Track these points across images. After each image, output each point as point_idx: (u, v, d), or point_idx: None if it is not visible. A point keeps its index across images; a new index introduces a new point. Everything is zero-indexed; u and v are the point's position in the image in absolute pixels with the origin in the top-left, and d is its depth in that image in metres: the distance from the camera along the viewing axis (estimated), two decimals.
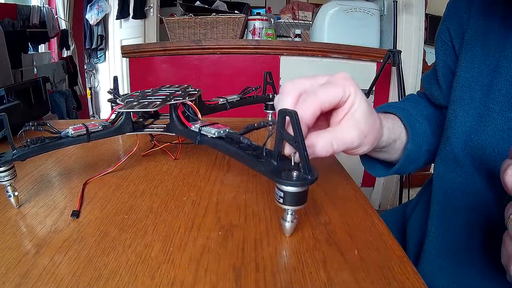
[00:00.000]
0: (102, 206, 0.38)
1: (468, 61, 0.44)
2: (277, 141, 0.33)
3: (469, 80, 0.44)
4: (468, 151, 0.43)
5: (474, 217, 0.42)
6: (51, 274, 0.27)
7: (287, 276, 0.27)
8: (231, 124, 0.44)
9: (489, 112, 0.40)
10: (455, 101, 0.45)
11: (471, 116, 0.43)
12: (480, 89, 0.42)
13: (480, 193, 0.41)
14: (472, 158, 0.42)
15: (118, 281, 0.26)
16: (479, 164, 0.41)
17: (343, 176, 0.47)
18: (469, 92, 0.43)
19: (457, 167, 0.44)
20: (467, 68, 0.44)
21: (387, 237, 0.33)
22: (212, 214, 0.36)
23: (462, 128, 0.43)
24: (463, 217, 0.43)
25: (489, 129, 0.40)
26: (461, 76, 0.45)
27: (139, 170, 0.48)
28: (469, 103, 0.43)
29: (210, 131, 0.41)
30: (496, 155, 0.39)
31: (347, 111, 0.32)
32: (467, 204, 0.43)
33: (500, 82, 0.40)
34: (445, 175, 0.46)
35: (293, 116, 0.30)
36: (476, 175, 0.41)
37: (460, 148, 0.44)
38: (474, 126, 0.42)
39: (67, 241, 0.31)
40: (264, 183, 0.44)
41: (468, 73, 0.44)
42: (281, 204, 0.31)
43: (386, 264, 0.29)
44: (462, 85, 0.44)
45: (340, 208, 0.38)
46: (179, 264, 0.28)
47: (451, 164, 0.45)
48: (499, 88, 0.40)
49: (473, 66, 0.44)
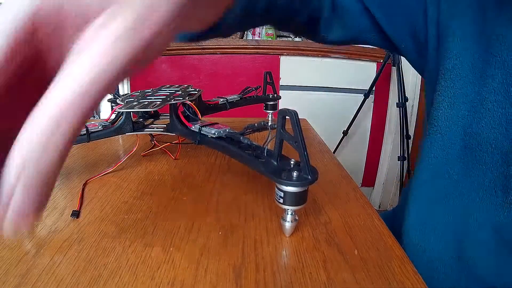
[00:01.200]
0: (102, 206, 0.38)
1: (457, 34, 0.37)
2: (277, 141, 0.33)
3: (459, 59, 0.37)
4: (462, 148, 0.37)
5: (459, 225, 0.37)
6: (51, 274, 0.27)
7: (287, 276, 0.27)
8: (231, 124, 0.44)
9: (484, 102, 0.35)
10: (446, 86, 0.38)
11: (463, 104, 0.37)
12: (471, 74, 0.36)
13: (471, 197, 0.36)
14: (465, 155, 0.37)
15: (118, 281, 0.26)
16: (473, 162, 0.36)
17: (343, 176, 0.47)
18: (460, 75, 0.37)
19: (448, 168, 0.38)
20: (456, 44, 0.37)
21: (387, 237, 0.33)
22: (212, 214, 0.36)
23: (455, 120, 0.38)
24: (448, 225, 0.38)
25: (484, 122, 0.35)
26: (451, 52, 0.37)
27: (139, 170, 0.48)
28: (461, 89, 0.37)
29: (210, 131, 0.41)
30: (492, 151, 0.35)
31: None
32: (454, 210, 0.37)
33: (493, 66, 0.34)
34: (431, 181, 0.40)
35: (293, 116, 0.30)
36: (469, 176, 0.36)
37: (453, 144, 0.38)
38: (467, 116, 0.37)
39: (67, 241, 0.31)
40: (264, 183, 0.44)
41: (457, 50, 0.37)
42: (281, 204, 0.31)
43: (386, 264, 0.29)
44: (454, 65, 0.37)
45: (340, 208, 0.38)
46: (179, 264, 0.28)
47: (441, 166, 0.39)
48: (493, 74, 0.34)
49: (465, 41, 0.37)
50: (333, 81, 1.77)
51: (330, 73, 1.76)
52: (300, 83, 1.77)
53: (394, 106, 1.63)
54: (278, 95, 0.65)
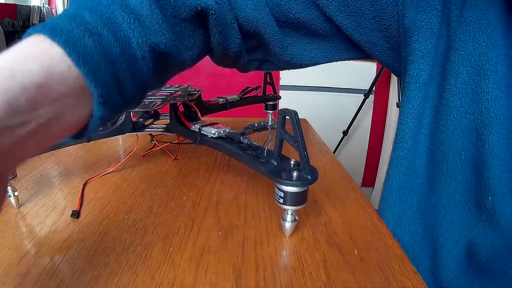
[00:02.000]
0: (102, 206, 0.38)
1: (426, 24, 0.32)
2: (277, 141, 0.33)
3: (426, 54, 0.33)
4: (428, 162, 0.34)
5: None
6: (51, 274, 0.27)
7: (287, 276, 0.27)
8: (231, 124, 0.45)
9: (447, 107, 0.31)
10: (411, 97, 0.34)
11: (427, 113, 0.33)
12: (436, 71, 0.32)
13: (440, 214, 0.33)
14: (431, 168, 0.34)
15: (118, 281, 0.26)
16: (440, 177, 0.33)
17: (343, 176, 0.47)
18: (424, 81, 0.33)
19: (414, 184, 0.35)
20: (424, 35, 0.33)
21: (387, 237, 0.33)
22: (212, 214, 0.36)
23: (420, 133, 0.34)
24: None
25: (450, 130, 0.31)
26: (416, 55, 0.33)
27: (139, 170, 0.48)
28: (425, 97, 0.33)
29: (210, 131, 0.41)
30: (462, 164, 0.31)
31: None
32: (424, 227, 0.35)
33: (456, 62, 0.30)
34: (394, 199, 0.37)
35: (293, 116, 0.30)
36: (436, 192, 0.33)
37: (419, 158, 0.35)
38: (432, 124, 0.33)
39: (67, 241, 0.31)
40: (264, 183, 0.44)
41: (424, 43, 0.33)
42: (281, 204, 0.31)
43: (386, 264, 0.29)
44: (419, 60, 0.33)
45: (340, 208, 0.38)
46: (179, 264, 0.28)
47: (408, 182, 0.36)
48: (456, 71, 0.30)
49: (432, 33, 0.32)
50: (333, 81, 1.77)
51: (330, 73, 1.76)
52: (300, 83, 1.77)
53: (394, 106, 1.63)
54: (278, 95, 0.65)
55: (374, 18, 0.35)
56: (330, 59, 0.40)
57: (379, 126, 1.89)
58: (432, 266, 0.34)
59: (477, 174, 0.30)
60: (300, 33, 0.37)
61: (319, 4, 0.34)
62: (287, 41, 0.37)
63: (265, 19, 0.33)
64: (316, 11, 0.35)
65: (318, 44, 0.39)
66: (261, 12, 0.33)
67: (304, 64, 0.39)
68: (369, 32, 0.36)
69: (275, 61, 0.39)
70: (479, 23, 0.28)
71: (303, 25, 0.36)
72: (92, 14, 0.23)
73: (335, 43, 0.39)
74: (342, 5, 0.34)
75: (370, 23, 0.36)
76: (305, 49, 0.38)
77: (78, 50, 0.20)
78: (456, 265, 0.32)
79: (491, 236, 0.30)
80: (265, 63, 0.40)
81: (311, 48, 0.39)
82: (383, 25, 0.36)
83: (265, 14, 0.33)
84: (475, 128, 0.29)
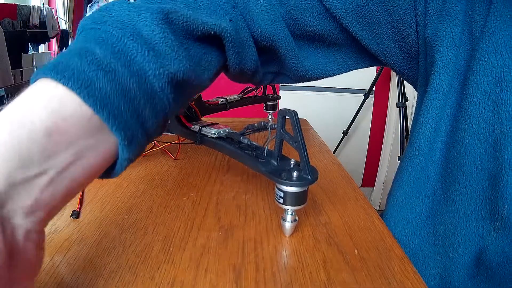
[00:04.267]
0: (102, 206, 0.38)
1: (447, 33, 0.32)
2: (277, 141, 0.33)
3: (446, 64, 0.33)
4: (441, 163, 0.34)
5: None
6: (51, 274, 0.27)
7: (287, 276, 0.27)
8: (231, 124, 0.45)
9: (466, 117, 0.31)
10: (430, 107, 0.34)
11: (445, 122, 0.33)
12: (456, 80, 0.32)
13: (454, 220, 0.33)
14: (446, 175, 0.33)
15: (118, 281, 0.26)
16: (455, 185, 0.32)
17: (343, 176, 0.47)
18: (445, 91, 0.33)
19: (426, 183, 0.35)
20: (445, 45, 0.32)
21: (387, 237, 0.33)
22: (212, 214, 0.36)
23: (437, 141, 0.34)
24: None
25: (467, 139, 0.31)
26: (437, 65, 0.33)
27: (139, 170, 0.48)
28: (444, 106, 0.33)
29: (210, 131, 0.41)
30: (478, 174, 0.30)
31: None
32: (436, 231, 0.35)
33: (478, 72, 0.30)
34: (405, 202, 0.37)
35: (293, 116, 0.30)
36: (451, 199, 0.33)
37: (431, 158, 0.34)
38: (450, 132, 0.33)
39: (67, 241, 0.31)
40: (264, 183, 0.44)
41: (445, 54, 0.33)
42: (281, 204, 0.31)
43: (386, 264, 0.29)
44: (440, 70, 0.33)
45: (340, 208, 0.38)
46: (179, 264, 0.28)
47: (422, 180, 0.36)
48: (477, 81, 0.30)
49: (453, 42, 0.32)
50: (333, 81, 1.77)
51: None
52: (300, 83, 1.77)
53: (394, 106, 1.63)
54: (278, 95, 0.65)
55: (391, 28, 0.35)
56: (344, 70, 0.40)
57: (379, 126, 1.89)
58: (442, 271, 0.34)
59: (493, 183, 0.30)
60: (315, 45, 0.37)
61: (336, 16, 0.34)
62: (302, 55, 0.36)
63: (281, 34, 0.33)
64: (332, 23, 0.35)
65: (333, 56, 0.38)
66: (278, 27, 0.32)
67: (319, 77, 0.39)
68: (385, 42, 0.36)
69: (289, 74, 0.38)
70: (502, 34, 0.29)
71: (319, 37, 0.36)
72: (103, 48, 0.21)
73: (351, 54, 0.38)
74: (359, 16, 0.34)
75: (386, 34, 0.35)
76: (320, 62, 0.38)
77: (93, 93, 0.19)
78: (465, 270, 0.32)
79: (502, 244, 0.30)
80: (279, 75, 0.39)
81: (327, 61, 0.38)
82: (400, 35, 0.36)
83: (282, 29, 0.32)
84: (494, 138, 0.29)
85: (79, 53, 0.20)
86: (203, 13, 0.28)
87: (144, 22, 0.23)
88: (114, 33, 0.22)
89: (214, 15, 0.28)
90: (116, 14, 0.23)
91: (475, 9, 0.31)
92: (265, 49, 0.34)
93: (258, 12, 0.31)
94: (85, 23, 0.24)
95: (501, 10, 0.29)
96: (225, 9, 0.30)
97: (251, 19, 0.31)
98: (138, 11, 0.23)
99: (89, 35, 0.22)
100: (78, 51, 0.20)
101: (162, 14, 0.24)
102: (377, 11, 0.34)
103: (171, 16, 0.24)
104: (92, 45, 0.21)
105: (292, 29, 0.34)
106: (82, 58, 0.20)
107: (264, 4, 0.31)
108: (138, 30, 0.23)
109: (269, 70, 0.37)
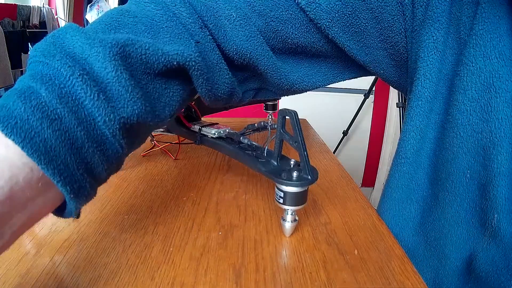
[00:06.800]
0: (102, 206, 0.38)
1: (428, 38, 0.31)
2: (277, 141, 0.33)
3: (428, 71, 0.31)
4: (430, 170, 0.33)
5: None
6: (51, 274, 0.27)
7: (287, 276, 0.27)
8: (231, 124, 0.45)
9: (454, 125, 0.30)
10: (414, 114, 0.33)
11: (434, 125, 0.32)
12: (444, 86, 0.31)
13: (445, 228, 0.32)
14: (435, 183, 0.33)
15: (118, 281, 0.26)
16: (444, 193, 0.32)
17: (343, 176, 0.47)
18: (430, 89, 0.32)
19: (416, 190, 0.34)
20: (427, 50, 0.31)
21: (387, 237, 0.33)
22: (212, 214, 0.36)
23: (424, 149, 0.33)
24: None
25: (455, 148, 0.30)
26: (420, 63, 0.32)
27: (139, 170, 0.48)
28: (430, 107, 0.32)
29: (210, 131, 0.41)
30: (468, 182, 0.30)
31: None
32: (427, 237, 0.34)
33: (465, 78, 0.28)
34: (396, 209, 0.36)
35: (293, 116, 0.30)
36: (440, 207, 0.32)
37: (419, 165, 0.34)
38: (437, 139, 0.32)
39: (67, 241, 0.31)
40: (264, 183, 0.44)
41: (426, 59, 0.31)
42: (281, 204, 0.31)
43: (386, 264, 0.29)
44: (421, 77, 0.32)
45: (340, 208, 0.38)
46: (179, 264, 0.28)
47: (412, 187, 0.35)
48: (464, 87, 0.28)
49: (435, 47, 0.31)
50: None
51: None
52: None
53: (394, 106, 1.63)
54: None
55: (380, 36, 0.34)
56: (331, 81, 0.38)
57: (379, 126, 1.89)
58: (434, 276, 0.34)
59: (483, 192, 0.29)
60: (299, 57, 0.35)
61: (321, 27, 0.32)
62: (285, 69, 0.34)
63: (259, 50, 0.30)
64: (316, 34, 0.33)
65: (318, 67, 0.37)
66: (254, 42, 0.30)
67: (305, 90, 0.37)
68: (374, 52, 0.35)
69: (273, 89, 0.37)
70: (490, 37, 0.27)
71: (302, 50, 0.34)
72: (49, 90, 0.19)
73: (336, 64, 0.37)
74: (345, 25, 0.32)
75: (375, 42, 0.34)
76: (305, 75, 0.36)
77: (37, 147, 0.18)
78: (457, 277, 0.32)
79: (492, 252, 0.29)
80: (261, 91, 0.37)
81: (312, 73, 0.37)
82: (389, 43, 0.34)
83: (259, 44, 0.30)
84: (483, 147, 0.28)
85: (24, 95, 0.19)
86: (165, 38, 0.26)
87: (96, 57, 0.21)
88: (62, 71, 0.20)
89: (177, 40, 0.26)
90: (68, 45, 0.21)
91: (463, 11, 0.29)
92: (242, 66, 0.32)
93: (232, 28, 0.29)
94: (34, 54, 0.21)
95: (489, 11, 0.27)
96: (191, 30, 0.27)
97: (223, 36, 0.29)
98: (91, 43, 0.21)
99: (36, 70, 0.21)
100: (23, 92, 0.19)
101: (117, 48, 0.22)
102: (365, 20, 0.32)
103: (128, 49, 0.22)
104: (38, 85, 0.20)
105: (272, 43, 0.32)
106: (27, 102, 0.19)
107: (238, 19, 0.29)
108: (90, 66, 0.21)
109: (250, 87, 0.36)
